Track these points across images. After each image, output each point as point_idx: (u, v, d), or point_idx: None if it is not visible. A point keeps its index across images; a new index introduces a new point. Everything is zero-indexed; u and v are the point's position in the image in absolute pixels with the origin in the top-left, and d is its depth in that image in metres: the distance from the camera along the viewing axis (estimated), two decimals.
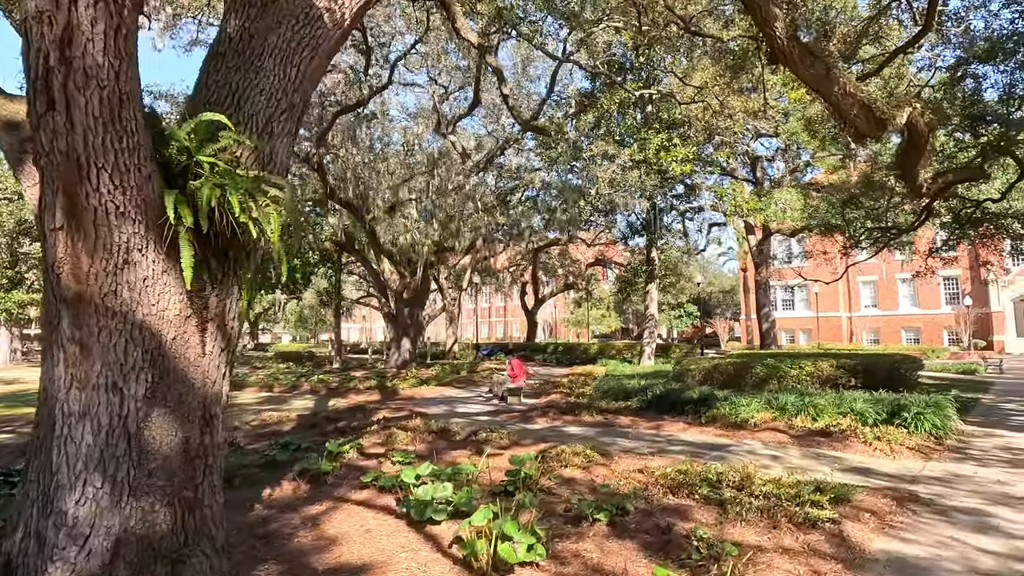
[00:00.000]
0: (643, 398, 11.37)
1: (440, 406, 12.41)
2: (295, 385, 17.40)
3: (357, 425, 9.52)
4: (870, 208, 14.07)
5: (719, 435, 8.27)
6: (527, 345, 38.27)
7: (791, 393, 10.04)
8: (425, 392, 15.39)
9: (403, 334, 22.88)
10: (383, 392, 15.59)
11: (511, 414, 10.79)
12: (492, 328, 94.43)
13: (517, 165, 23.50)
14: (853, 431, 7.72)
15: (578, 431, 8.90)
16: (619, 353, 30.63)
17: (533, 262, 41.61)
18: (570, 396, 13.16)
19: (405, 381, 17.43)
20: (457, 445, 7.70)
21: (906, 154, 8.39)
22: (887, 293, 43.48)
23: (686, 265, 43.35)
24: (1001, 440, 7.95)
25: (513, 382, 13.03)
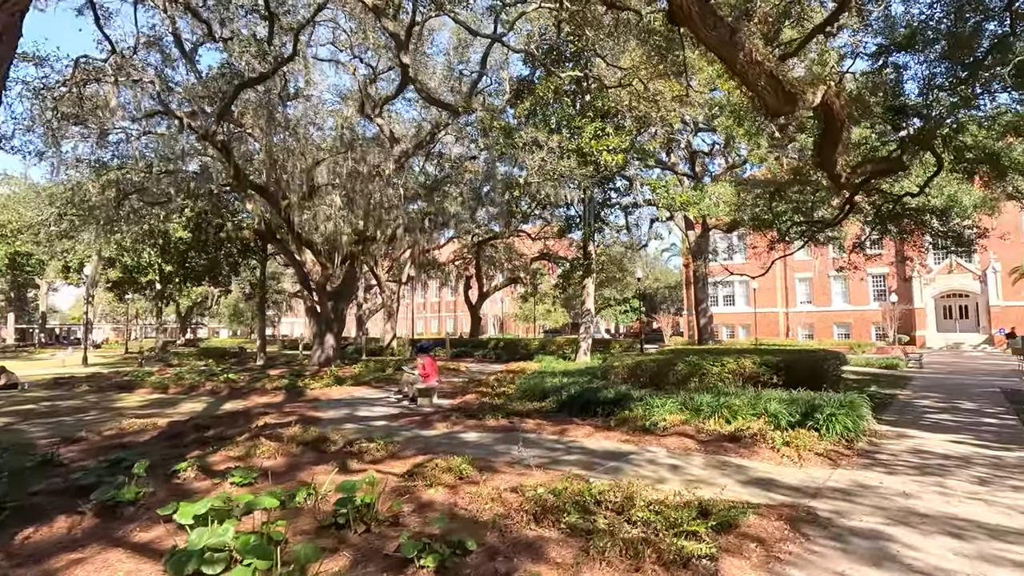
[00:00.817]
0: (558, 399, 10.63)
1: (342, 409, 11.29)
2: (195, 386, 15.82)
3: (228, 434, 8.32)
4: (797, 202, 13.85)
5: (624, 440, 7.56)
6: (469, 340, 37.31)
7: (709, 393, 9.50)
8: (335, 393, 14.19)
9: (327, 330, 21.46)
10: (289, 393, 14.29)
11: (413, 418, 9.81)
12: (442, 323, 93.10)
13: (458, 154, 22.47)
14: (763, 436, 7.15)
15: (475, 438, 8.02)
16: (560, 349, 30.10)
17: (476, 256, 40.68)
18: (488, 396, 12.29)
19: (320, 381, 16.14)
20: (326, 458, 6.67)
21: (823, 140, 7.88)
22: (821, 290, 44.89)
23: (631, 261, 43.44)
24: (912, 442, 7.58)
25: (425, 382, 12.04)
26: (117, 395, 15.01)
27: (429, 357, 12.38)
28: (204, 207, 24.86)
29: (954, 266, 38.46)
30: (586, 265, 22.78)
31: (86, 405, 12.79)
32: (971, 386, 14.49)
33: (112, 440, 8.21)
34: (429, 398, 11.75)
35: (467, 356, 32.06)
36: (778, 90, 5.83)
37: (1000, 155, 11.06)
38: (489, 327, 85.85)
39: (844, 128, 7.51)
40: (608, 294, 59.03)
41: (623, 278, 50.18)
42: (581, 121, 17.85)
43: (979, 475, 5.83)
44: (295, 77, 21.03)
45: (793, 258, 46.29)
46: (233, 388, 15.52)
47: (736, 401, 8.77)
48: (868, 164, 9.76)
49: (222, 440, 7.82)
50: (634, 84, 12.18)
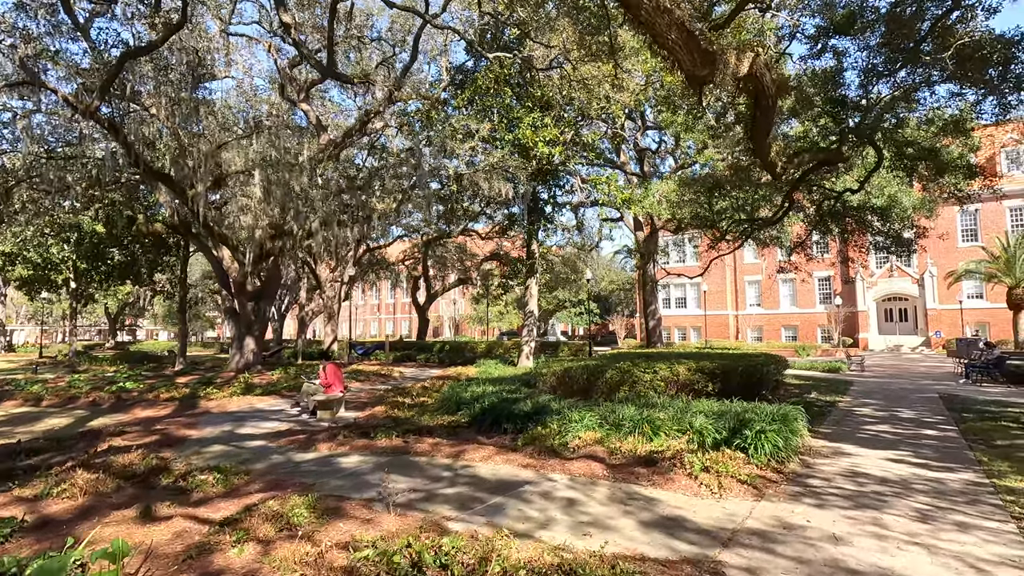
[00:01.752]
0: (470, 412, 9.46)
1: (225, 425, 9.80)
2: (76, 396, 13.90)
3: (53, 462, 6.78)
4: (739, 199, 13.17)
5: (526, 465, 6.44)
6: (415, 343, 35.79)
7: (634, 405, 8.51)
8: (234, 404, 12.61)
9: (246, 332, 19.67)
10: (182, 404, 12.64)
11: (298, 437, 8.44)
12: (397, 325, 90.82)
13: (401, 148, 21.03)
14: (680, 459, 6.15)
15: (353, 464, 6.75)
16: (507, 352, 29.02)
17: (424, 255, 39.20)
18: (401, 409, 10.99)
19: (226, 390, 14.50)
20: (145, 497, 5.30)
21: (754, 122, 6.99)
22: (770, 293, 45.35)
23: (584, 262, 42.84)
24: (848, 461, 6.74)
25: (327, 392, 10.67)
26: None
27: (333, 364, 11.01)
28: (115, 198, 22.69)
29: (895, 270, 39.38)
30: (529, 265, 21.74)
31: None
32: (910, 391, 14.11)
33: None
34: (331, 411, 10.39)
35: (409, 360, 30.62)
36: (692, 47, 4.83)
37: (939, 151, 10.57)
38: (445, 329, 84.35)
39: (775, 106, 6.63)
40: (563, 296, 58.47)
41: (577, 280, 49.63)
42: (520, 112, 16.79)
43: (920, 507, 4.97)
44: (213, 56, 19.27)
45: (743, 261, 46.75)
46: (120, 399, 13.70)
47: (661, 415, 7.81)
48: (806, 154, 9.05)
49: (34, 471, 6.31)
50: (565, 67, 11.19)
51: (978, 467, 6.35)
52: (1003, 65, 8.71)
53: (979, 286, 35.79)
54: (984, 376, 16.03)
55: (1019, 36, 8.26)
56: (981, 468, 6.29)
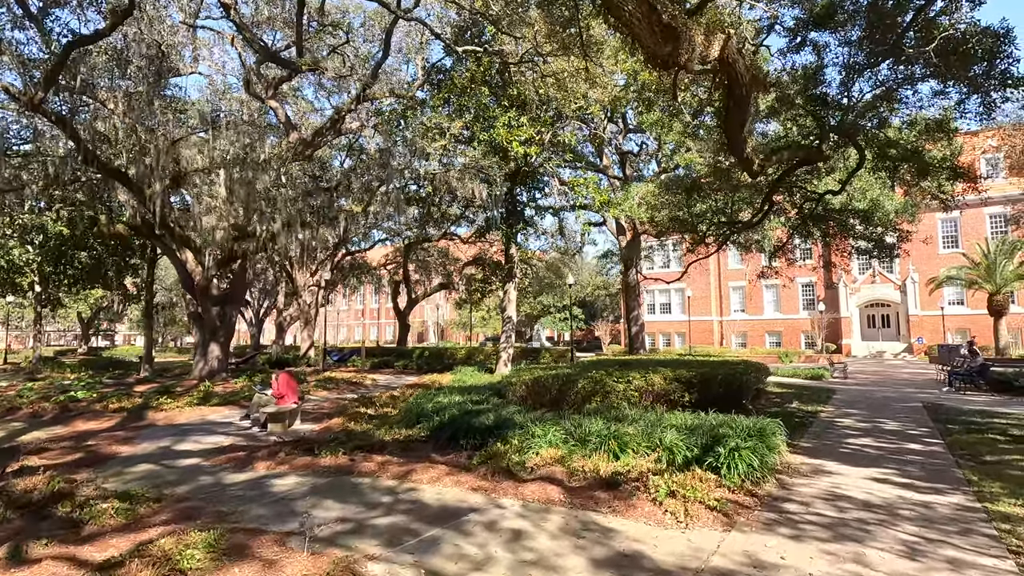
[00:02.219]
0: (430, 425, 8.83)
1: (164, 440, 9.05)
2: (16, 407, 13.00)
3: None
4: (718, 202, 12.71)
5: (476, 488, 5.82)
6: (395, 349, 35.02)
7: (602, 417, 7.94)
8: (184, 416, 11.83)
9: (211, 338, 18.84)
10: (130, 416, 11.84)
11: (236, 455, 7.73)
12: (381, 330, 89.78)
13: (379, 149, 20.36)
14: (645, 482, 5.58)
15: (287, 487, 6.08)
16: (487, 359, 28.42)
17: (404, 259, 38.50)
18: (359, 421, 10.31)
19: (181, 400, 13.68)
20: (34, 529, 4.60)
21: (727, 113, 6.48)
22: (754, 298, 45.19)
23: (568, 267, 42.40)
24: (828, 481, 6.21)
25: (278, 403, 9.97)
26: None
27: (285, 374, 10.32)
28: (77, 198, 21.74)
29: (877, 276, 39.40)
30: (508, 269, 21.16)
31: None
32: (894, 400, 13.71)
33: None
34: (282, 424, 9.68)
35: (387, 367, 29.83)
36: (653, 20, 4.29)
37: (922, 152, 10.18)
38: (430, 335, 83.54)
39: (749, 97, 6.12)
40: (548, 301, 57.98)
41: (561, 285, 49.01)
42: (495, 111, 16.24)
43: (907, 539, 4.43)
44: (178, 50, 18.52)
45: (727, 266, 46.57)
46: (65, 409, 12.84)
47: (631, 429, 7.25)
48: (784, 152, 8.59)
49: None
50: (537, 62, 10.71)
51: (968, 488, 5.86)
52: (988, 60, 8.32)
53: (960, 292, 35.89)
54: (967, 384, 15.71)
55: (1005, 29, 7.88)
56: (971, 489, 5.79)
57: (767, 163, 7.96)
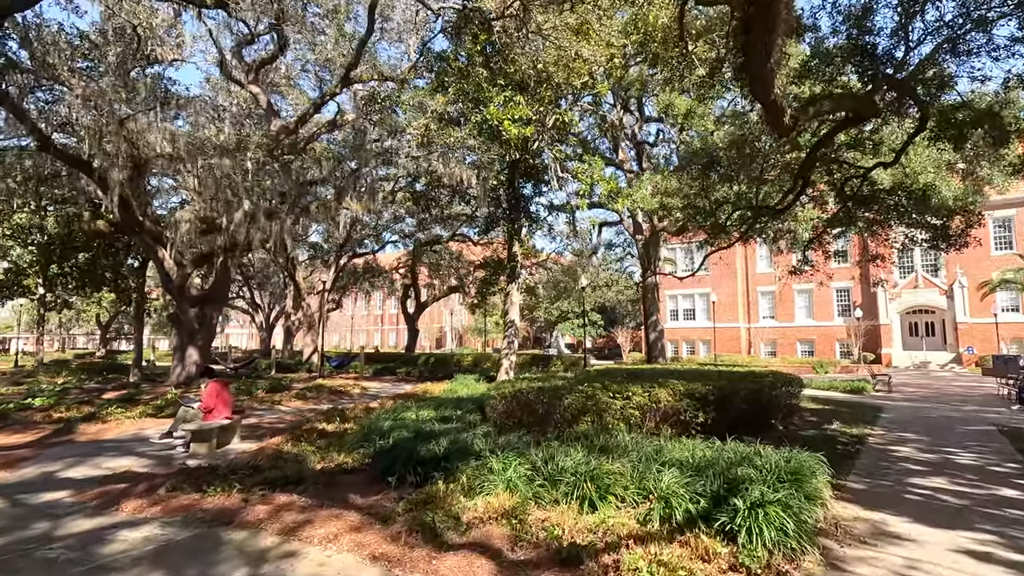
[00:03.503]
0: (373, 448, 7.09)
1: (60, 463, 7.50)
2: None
3: None
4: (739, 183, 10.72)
5: (378, 555, 4.04)
6: (399, 355, 33.52)
7: (582, 447, 6.09)
8: (119, 430, 10.33)
9: (188, 342, 17.52)
10: (61, 429, 10.41)
11: (117, 487, 6.11)
12: (399, 336, 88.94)
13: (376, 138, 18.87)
14: (619, 561, 3.73)
15: (124, 546, 4.41)
16: (494, 366, 26.68)
17: (412, 262, 37.11)
18: (306, 440, 8.64)
19: (134, 409, 12.29)
20: None
21: (748, 28, 4.61)
22: (784, 304, 42.47)
23: (583, 269, 40.42)
24: (899, 555, 4.24)
25: (206, 418, 8.36)
26: None
27: (216, 383, 8.70)
28: (59, 195, 20.80)
29: (920, 280, 36.40)
30: (510, 268, 19.38)
31: None
32: (956, 420, 11.47)
33: None
34: (208, 444, 8.05)
35: (390, 373, 28.30)
36: None
37: (1001, 111, 8.09)
38: (447, 340, 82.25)
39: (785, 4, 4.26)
40: (566, 307, 55.88)
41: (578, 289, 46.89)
42: (491, 92, 14.54)
43: None
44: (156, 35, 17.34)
45: (755, 270, 43.85)
46: (2, 418, 11.52)
47: (617, 465, 5.41)
48: (825, 102, 6.64)
49: None
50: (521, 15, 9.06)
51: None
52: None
53: (1015, 298, 32.75)
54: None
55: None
56: None
57: (802, 116, 6.05)
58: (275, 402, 14.55)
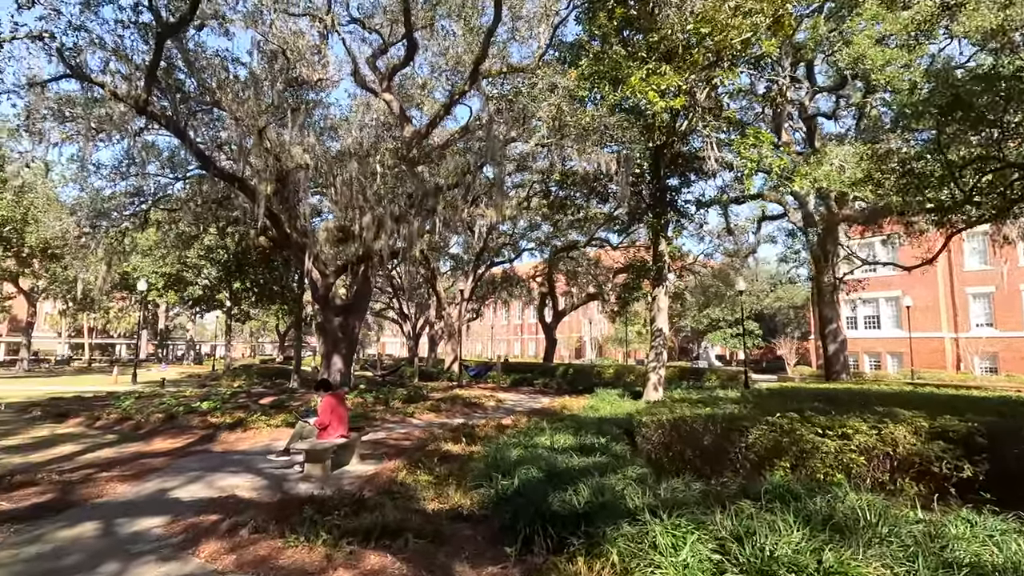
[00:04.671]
0: (495, 492, 5.59)
1: (182, 477, 7.15)
2: (124, 419, 12.67)
3: None
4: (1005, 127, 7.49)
5: None
6: (537, 365, 32.43)
7: (797, 516, 3.99)
8: (254, 440, 10.19)
9: (333, 350, 17.91)
10: (204, 437, 10.58)
11: (214, 517, 5.35)
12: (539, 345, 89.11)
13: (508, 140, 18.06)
14: None
15: None
16: (638, 379, 24.36)
17: (549, 269, 35.97)
18: (422, 469, 7.49)
19: (276, 417, 12.39)
20: None
21: None
22: (1008, 308, 33.95)
23: (739, 272, 36.08)
24: None
25: (320, 436, 7.58)
26: (35, 424, 12.37)
27: (331, 398, 7.89)
28: (230, 216, 22.88)
29: None
30: (656, 269, 17.12)
31: None
32: None
33: None
34: (321, 465, 7.23)
35: (525, 384, 27.27)
36: None
37: None
38: (587, 350, 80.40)
39: None
40: (716, 315, 50.89)
41: (731, 295, 41.95)
42: (631, 65, 12.63)
43: None
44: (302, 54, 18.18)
45: (963, 267, 35.70)
46: (169, 419, 12.20)
47: (871, 556, 3.27)
48: None
49: None
50: None
51: None
52: None
53: None
54: None
55: None
56: None
57: None
58: (408, 414, 13.98)
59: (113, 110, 14.59)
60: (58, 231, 23.69)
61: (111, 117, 14.66)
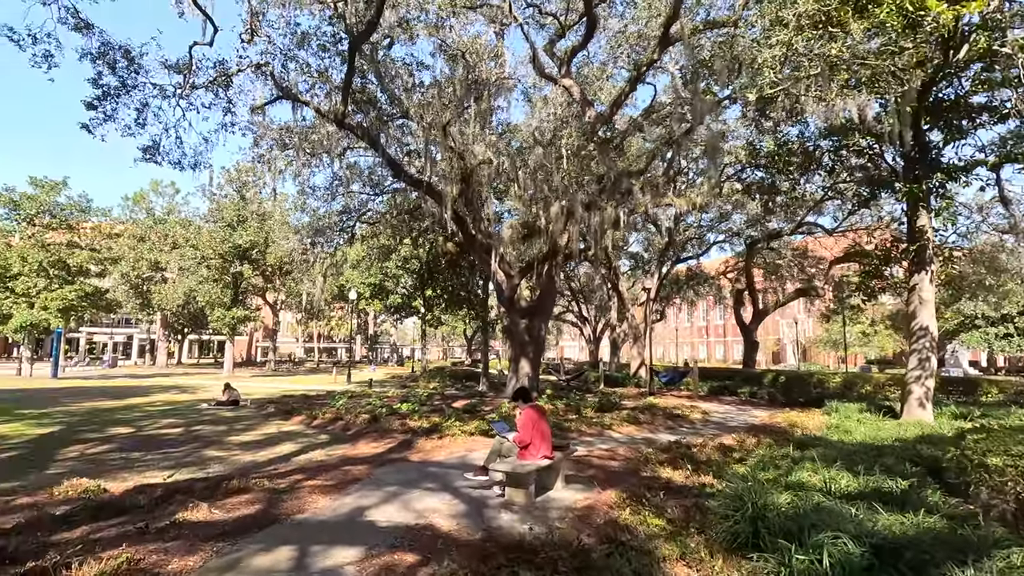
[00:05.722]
0: (772, 565, 3.74)
1: (381, 492, 6.55)
2: (337, 419, 13.29)
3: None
4: None
5: None
6: (738, 372, 28.55)
7: None
8: (448, 449, 9.57)
9: (520, 354, 17.29)
10: (402, 443, 10.35)
11: (409, 558, 4.41)
12: (728, 349, 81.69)
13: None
14: None
15: None
16: (877, 392, 19.82)
17: (747, 262, 31.72)
18: (645, 507, 5.88)
19: (470, 423, 11.90)
20: None
21: None
22: None
23: (1011, 253, 27.86)
24: None
25: (521, 455, 6.41)
26: (267, 421, 13.60)
27: (532, 410, 6.67)
28: (428, 225, 23.90)
29: None
30: (917, 249, 13.22)
31: (210, 434, 11.13)
32: None
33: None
34: (524, 491, 6.06)
35: (726, 393, 23.95)
36: None
37: None
38: (788, 355, 71.40)
39: None
40: (970, 310, 40.43)
41: (998, 283, 32.52)
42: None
43: None
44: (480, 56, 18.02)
45: None
46: (373, 421, 12.46)
47: None
48: None
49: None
50: None
51: None
52: None
53: None
54: None
55: None
56: None
57: None
58: (605, 425, 12.50)
59: (321, 133, 15.70)
60: (286, 250, 27.20)
61: (320, 141, 15.81)
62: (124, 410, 15.59)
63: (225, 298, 36.31)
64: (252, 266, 37.23)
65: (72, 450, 9.36)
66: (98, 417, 13.93)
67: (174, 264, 42.12)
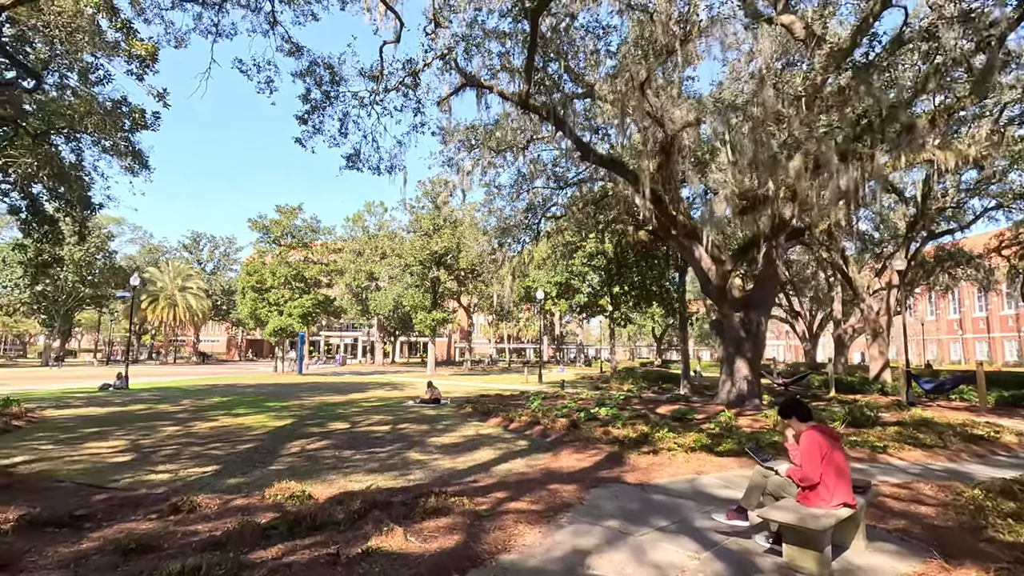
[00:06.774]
0: None
1: (607, 530, 5.13)
2: (533, 423, 12.36)
3: None
4: None
5: None
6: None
7: None
8: (669, 470, 7.78)
9: (735, 353, 14.69)
10: (610, 457, 8.89)
11: None
12: (994, 347, 64.94)
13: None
14: None
15: None
16: None
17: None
18: None
19: (686, 436, 10.00)
20: None
21: None
22: None
23: None
24: None
25: (803, 499, 4.41)
26: (465, 422, 13.28)
27: (815, 432, 4.58)
28: (615, 215, 22.37)
29: None
30: None
31: (413, 433, 11.04)
32: None
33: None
34: (816, 556, 4.09)
35: (1018, 407, 17.72)
36: None
37: None
38: None
39: None
40: None
41: None
42: None
43: None
44: None
45: None
46: (572, 427, 11.28)
47: None
48: None
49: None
50: None
51: None
52: None
53: None
54: None
55: None
56: None
57: None
58: (874, 447, 9.48)
59: (504, 128, 15.09)
60: (477, 252, 27.84)
61: (504, 136, 15.23)
62: (344, 405, 16.85)
63: (426, 302, 39.16)
64: (447, 271, 39.54)
65: (295, 445, 9.78)
66: (323, 411, 15.10)
67: (385, 273, 47.04)
